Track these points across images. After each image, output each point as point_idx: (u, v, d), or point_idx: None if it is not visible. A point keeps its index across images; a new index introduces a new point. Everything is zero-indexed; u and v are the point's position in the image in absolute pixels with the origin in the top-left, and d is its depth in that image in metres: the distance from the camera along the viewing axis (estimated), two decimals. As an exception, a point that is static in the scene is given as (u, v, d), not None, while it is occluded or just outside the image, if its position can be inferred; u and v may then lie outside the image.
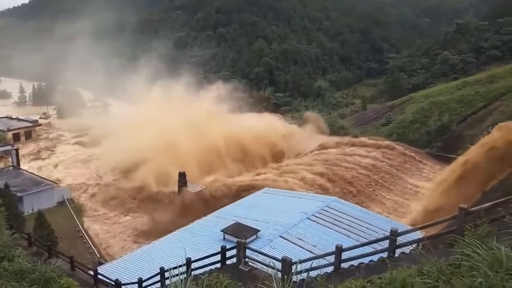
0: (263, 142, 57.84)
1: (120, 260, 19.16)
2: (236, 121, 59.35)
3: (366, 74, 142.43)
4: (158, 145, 50.22)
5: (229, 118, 60.56)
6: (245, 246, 10.85)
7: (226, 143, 53.80)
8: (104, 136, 64.31)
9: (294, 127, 71.22)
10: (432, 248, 6.97)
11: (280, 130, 63.48)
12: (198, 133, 53.20)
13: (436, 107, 64.70)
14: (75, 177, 53.20)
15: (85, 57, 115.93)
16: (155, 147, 49.94)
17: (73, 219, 39.40)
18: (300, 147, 62.55)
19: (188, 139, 51.57)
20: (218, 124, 56.21)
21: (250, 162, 55.20)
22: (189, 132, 52.98)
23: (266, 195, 27.42)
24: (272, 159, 57.17)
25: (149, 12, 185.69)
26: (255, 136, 57.09)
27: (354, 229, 19.21)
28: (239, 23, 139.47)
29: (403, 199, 45.89)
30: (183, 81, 77.25)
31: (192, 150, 50.05)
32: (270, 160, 56.81)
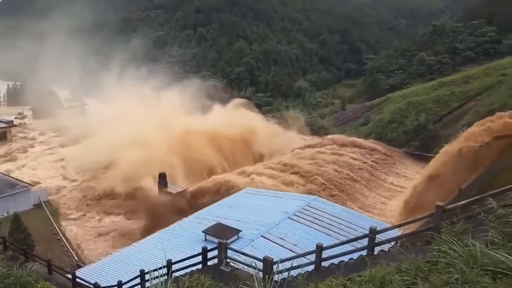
0: (244, 142, 57.83)
1: (99, 263, 18.83)
2: (214, 120, 59.00)
3: (345, 74, 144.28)
4: (136, 145, 49.47)
5: (206, 118, 60.29)
6: (227, 247, 10.83)
7: (205, 143, 53.53)
8: (82, 136, 63.09)
9: (275, 126, 71.39)
10: (410, 245, 7.10)
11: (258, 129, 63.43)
12: (177, 133, 52.77)
13: (413, 107, 66.10)
14: (52, 179, 52.01)
15: (62, 56, 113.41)
16: (134, 148, 49.16)
17: (50, 222, 38.47)
18: (281, 146, 62.79)
19: (167, 138, 51.09)
20: (198, 124, 55.95)
21: (232, 162, 55.09)
22: (167, 132, 52.52)
23: (247, 195, 27.43)
24: (252, 158, 57.23)
25: (127, 11, 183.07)
26: (235, 135, 57.01)
27: (334, 228, 19.42)
28: (219, 23, 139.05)
29: (382, 197, 46.68)
30: (163, 81, 76.61)
31: (172, 151, 49.58)
32: (251, 160, 56.85)
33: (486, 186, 22.75)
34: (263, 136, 61.56)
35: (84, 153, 57.39)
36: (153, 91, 68.83)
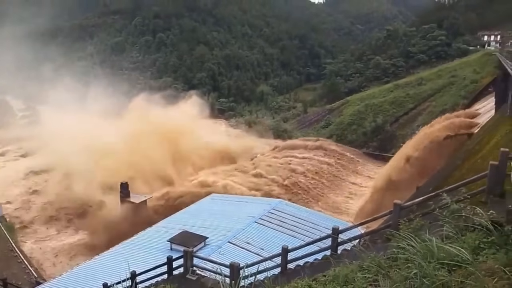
0: (208, 148, 57.39)
1: (60, 279, 18.03)
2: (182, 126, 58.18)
3: (305, 78, 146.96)
4: (96, 155, 47.99)
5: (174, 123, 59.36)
6: (192, 255, 10.71)
7: (173, 150, 52.75)
8: (38, 148, 60.35)
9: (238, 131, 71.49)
10: (371, 243, 7.33)
11: None
12: (145, 141, 51.58)
13: (370, 109, 68.35)
14: (7, 194, 49.27)
15: (14, 64, 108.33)
16: (92, 158, 47.64)
17: (6, 238, 36.44)
18: (244, 150, 62.90)
19: (127, 147, 49.82)
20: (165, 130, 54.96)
21: (196, 167, 54.49)
22: (127, 140, 51.24)
23: (213, 201, 27.22)
24: (216, 164, 56.84)
25: (83, 17, 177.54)
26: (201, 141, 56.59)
27: (299, 229, 19.64)
28: (179, 28, 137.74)
29: (344, 197, 47.80)
30: (122, 88, 74.88)
31: (134, 159, 48.37)
32: (216, 165, 56.46)
33: (441, 183, 23.84)
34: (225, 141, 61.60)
35: (40, 165, 55.00)
36: (111, 98, 67.03)
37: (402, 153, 44.21)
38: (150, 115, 58.77)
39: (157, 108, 63.34)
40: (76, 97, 70.55)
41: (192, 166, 54.07)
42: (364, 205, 41.34)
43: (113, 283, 10.82)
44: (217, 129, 71.07)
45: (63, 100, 74.42)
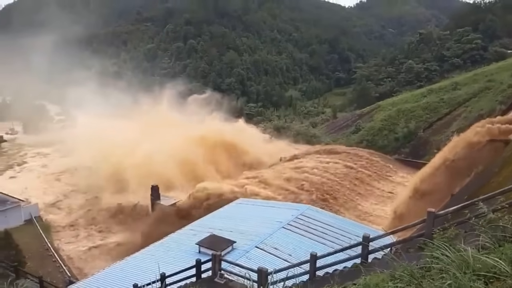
0: (236, 152, 57.72)
1: (92, 278, 18.53)
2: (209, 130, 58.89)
3: (335, 83, 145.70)
4: (130, 159, 49.24)
5: (200, 128, 60.18)
6: (221, 259, 10.75)
7: (200, 155, 53.36)
8: (73, 150, 62.64)
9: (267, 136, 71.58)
10: (403, 252, 7.13)
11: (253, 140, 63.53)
12: (171, 146, 52.55)
13: (403, 114, 66.77)
14: (44, 194, 51.37)
15: (52, 71, 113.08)
16: (126, 161, 48.93)
17: (42, 238, 37.91)
18: (272, 155, 62.86)
19: (161, 151, 50.83)
20: (192, 135, 55.79)
21: (224, 172, 54.88)
22: (162, 144, 52.30)
23: (241, 205, 27.27)
24: (245, 169, 57.06)
25: (117, 25, 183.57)
26: (228, 145, 57.00)
27: (328, 236, 19.35)
28: (209, 34, 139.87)
29: (374, 205, 46.80)
30: (153, 93, 76.51)
31: (166, 162, 49.30)
32: (243, 170, 56.66)
33: (477, 191, 22.95)
34: (252, 144, 61.74)
35: (76, 167, 57.05)
36: (144, 103, 68.73)
37: (436, 159, 42.84)
38: (181, 120, 59.84)
39: (187, 113, 64.44)
40: (109, 102, 72.80)
41: (220, 170, 54.49)
42: (395, 213, 40.32)
43: (143, 284, 11.04)
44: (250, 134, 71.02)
45: (96, 105, 77.06)
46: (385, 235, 9.85)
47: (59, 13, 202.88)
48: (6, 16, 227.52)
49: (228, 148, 56.71)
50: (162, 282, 10.93)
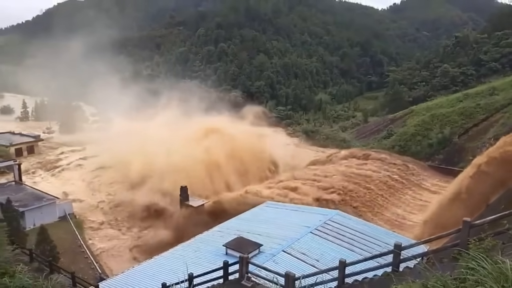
0: (262, 156, 57.74)
1: (122, 276, 18.97)
2: (236, 134, 59.26)
3: (366, 87, 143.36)
4: (162, 159, 50.26)
5: (229, 131, 60.66)
6: (248, 261, 10.75)
7: (228, 157, 53.74)
8: (107, 150, 64.52)
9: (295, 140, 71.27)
10: (437, 262, 6.90)
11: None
12: (200, 147, 53.31)
13: (437, 119, 64.81)
14: (78, 191, 53.12)
15: (88, 73, 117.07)
16: (159, 162, 49.96)
17: (75, 234, 39.19)
18: (300, 159, 62.54)
19: (191, 153, 51.61)
20: (220, 138, 56.33)
21: (251, 175, 55.01)
22: (191, 146, 53.11)
23: (268, 208, 27.27)
24: (271, 172, 57.03)
25: (150, 29, 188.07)
26: (254, 149, 57.13)
27: (357, 243, 19.03)
28: (239, 38, 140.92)
29: (406, 212, 45.61)
30: (184, 96, 77.85)
31: (196, 164, 50.01)
32: (270, 173, 56.65)
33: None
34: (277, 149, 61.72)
35: (109, 166, 58.77)
36: (175, 105, 69.97)
37: (471, 167, 41.32)
38: (210, 123, 60.53)
39: (216, 116, 65.16)
40: (142, 104, 74.58)
41: (249, 175, 54.62)
42: (428, 221, 39.12)
43: (172, 283, 11.18)
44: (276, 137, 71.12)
45: (130, 106, 79.18)
46: (417, 244, 9.57)
47: (96, 17, 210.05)
48: (47, 20, 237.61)
49: (255, 152, 56.78)
50: (190, 283, 11.03)
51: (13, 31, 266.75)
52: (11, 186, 48.39)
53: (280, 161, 59.79)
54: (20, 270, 8.45)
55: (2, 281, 7.66)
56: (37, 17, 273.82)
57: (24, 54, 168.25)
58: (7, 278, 7.79)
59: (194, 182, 47.80)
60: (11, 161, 54.00)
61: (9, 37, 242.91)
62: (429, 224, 37.90)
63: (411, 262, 8.39)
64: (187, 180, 46.31)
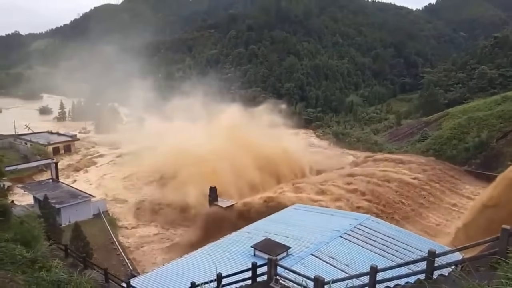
0: (292, 158, 57.41)
1: (152, 273, 19.32)
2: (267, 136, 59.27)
3: (400, 89, 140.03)
4: (191, 161, 50.95)
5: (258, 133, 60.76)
6: (276, 264, 10.68)
7: (258, 159, 53.80)
8: (141, 150, 66.15)
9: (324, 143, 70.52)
10: (473, 270, 6.63)
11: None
12: (230, 148, 53.64)
13: (474, 123, 62.42)
14: (111, 190, 54.69)
15: (122, 75, 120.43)
16: (188, 163, 50.68)
17: (108, 232, 40.29)
18: (330, 163, 61.78)
19: (221, 154, 52.01)
20: (251, 140, 56.50)
21: (280, 177, 54.85)
22: (222, 148, 53.54)
23: (296, 211, 27.07)
24: (301, 175, 56.61)
25: (183, 31, 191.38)
26: (285, 152, 56.93)
27: (389, 249, 18.56)
28: (270, 40, 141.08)
29: (440, 218, 44.15)
30: (215, 97, 78.69)
31: (226, 165, 50.38)
32: (299, 176, 56.24)
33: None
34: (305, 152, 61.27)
35: (142, 166, 60.19)
36: (206, 107, 70.84)
37: (509, 172, 39.51)
38: (240, 126, 60.81)
39: (246, 118, 65.38)
40: (174, 105, 75.84)
41: (276, 177, 54.47)
42: (463, 228, 37.72)
43: (200, 282, 11.27)
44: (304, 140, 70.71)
45: (162, 107, 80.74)
46: (452, 251, 9.21)
47: (130, 21, 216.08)
48: (83, 24, 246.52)
49: (284, 155, 56.54)
50: (219, 283, 11.08)
51: (52, 35, 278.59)
52: (48, 183, 50.31)
53: (309, 164, 59.27)
54: (56, 265, 8.74)
55: (40, 275, 7.96)
56: (74, 20, 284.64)
57: (61, 57, 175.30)
58: (44, 272, 8.09)
59: (224, 183, 48.18)
60: (48, 160, 56.27)
61: (48, 40, 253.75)
62: (464, 231, 36.55)
63: (445, 269, 8.11)
64: (217, 180, 46.74)
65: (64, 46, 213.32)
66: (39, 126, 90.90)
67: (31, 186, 49.44)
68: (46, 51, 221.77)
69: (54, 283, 7.78)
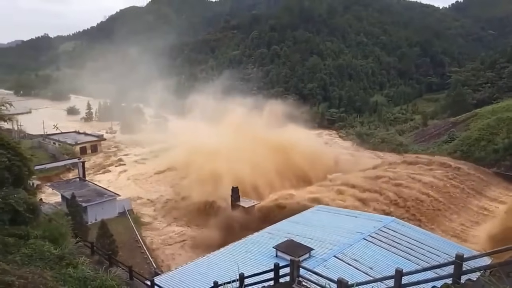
0: (315, 159, 56.98)
1: (175, 272, 19.54)
2: (290, 137, 59.06)
3: (426, 88, 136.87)
4: (213, 161, 51.34)
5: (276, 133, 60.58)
6: (299, 265, 10.61)
7: (280, 159, 53.72)
8: (165, 149, 67.19)
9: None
10: (504, 275, 6.40)
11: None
12: (254, 149, 53.78)
13: (504, 123, 60.36)
14: (136, 189, 55.68)
15: (147, 76, 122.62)
16: (210, 163, 51.08)
17: (133, 230, 41.00)
18: (354, 164, 60.98)
19: (241, 153, 52.22)
20: (273, 141, 56.46)
21: (302, 178, 54.51)
22: (246, 148, 53.75)
23: (319, 212, 26.84)
24: (323, 176, 56.09)
25: (206, 33, 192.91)
26: (307, 153, 56.58)
27: (414, 252, 18.15)
28: (293, 40, 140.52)
29: (467, 222, 42.91)
30: (237, 98, 79.02)
31: (250, 165, 50.55)
32: (322, 177, 55.74)
33: None
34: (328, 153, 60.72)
35: (165, 165, 61.09)
36: (228, 107, 71.28)
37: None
38: (262, 127, 60.92)
39: (268, 120, 65.45)
40: (198, 106, 76.71)
41: (296, 178, 54.17)
42: (492, 232, 36.55)
43: (223, 282, 11.33)
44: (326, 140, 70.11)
45: (186, 108, 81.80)
46: (481, 256, 8.93)
47: (155, 23, 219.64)
48: (110, 26, 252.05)
49: (305, 156, 56.17)
50: (241, 283, 11.11)
51: (79, 37, 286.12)
52: (75, 182, 51.62)
53: (331, 164, 58.69)
54: (82, 262, 8.97)
55: (67, 271, 8.17)
56: (101, 23, 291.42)
57: (88, 59, 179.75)
58: (71, 269, 8.30)
59: (248, 183, 48.39)
60: (76, 159, 57.77)
61: (76, 42, 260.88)
62: (493, 235, 35.41)
63: (473, 274, 7.88)
64: (241, 181, 46.96)
65: (90, 48, 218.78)
66: (67, 126, 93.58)
67: (59, 184, 50.85)
68: (74, 53, 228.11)
69: (81, 279, 7.98)
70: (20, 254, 8.54)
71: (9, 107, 13.61)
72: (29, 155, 13.54)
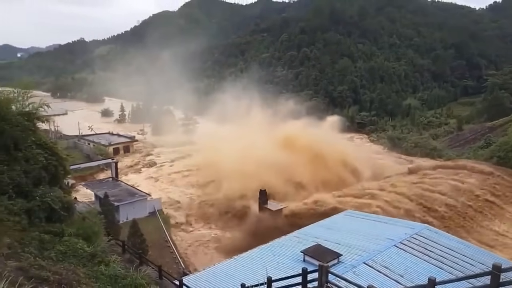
0: (345, 163, 56.19)
1: (203, 272, 19.64)
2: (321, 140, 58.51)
3: (461, 92, 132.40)
4: (241, 163, 51.52)
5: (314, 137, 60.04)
6: (328, 271, 10.45)
7: (310, 163, 53.32)
8: (193, 152, 68.03)
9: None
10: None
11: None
12: (283, 152, 53.65)
13: (545, 128, 57.58)
14: (166, 190, 56.65)
15: (178, 79, 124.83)
16: (243, 164, 51.27)
17: (162, 230, 41.69)
18: (386, 168, 59.72)
19: (274, 157, 52.10)
20: (305, 144, 56.11)
21: (332, 182, 53.83)
22: (274, 150, 53.70)
23: (348, 217, 26.36)
24: (354, 180, 55.18)
25: (236, 36, 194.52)
26: (337, 157, 55.89)
27: (447, 261, 17.50)
28: (323, 42, 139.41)
29: (506, 231, 41.06)
30: (267, 100, 79.09)
31: (279, 169, 50.46)
32: (352, 181, 54.85)
33: None
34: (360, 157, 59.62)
35: (196, 166, 61.85)
36: (258, 110, 71.45)
37: None
38: (291, 129, 60.60)
39: (298, 121, 65.09)
40: (227, 109, 77.29)
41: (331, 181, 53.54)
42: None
43: (251, 285, 11.31)
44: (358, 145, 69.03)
45: (215, 111, 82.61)
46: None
47: (186, 27, 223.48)
48: (142, 30, 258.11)
49: (336, 160, 55.46)
50: (269, 286, 11.06)
51: (114, 41, 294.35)
52: (108, 182, 53.05)
53: (363, 169, 57.70)
54: (114, 260, 9.19)
55: (99, 269, 8.39)
56: (134, 27, 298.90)
57: (121, 62, 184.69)
58: (103, 267, 8.52)
59: (279, 185, 48.34)
60: (109, 159, 59.46)
61: (110, 46, 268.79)
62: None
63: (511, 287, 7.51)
64: (270, 184, 46.94)
65: (124, 51, 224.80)
66: (101, 128, 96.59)
67: (93, 184, 52.40)
68: (108, 57, 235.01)
69: (112, 277, 8.18)
70: (55, 251, 8.84)
71: (46, 109, 14.16)
72: (64, 155, 14.02)
